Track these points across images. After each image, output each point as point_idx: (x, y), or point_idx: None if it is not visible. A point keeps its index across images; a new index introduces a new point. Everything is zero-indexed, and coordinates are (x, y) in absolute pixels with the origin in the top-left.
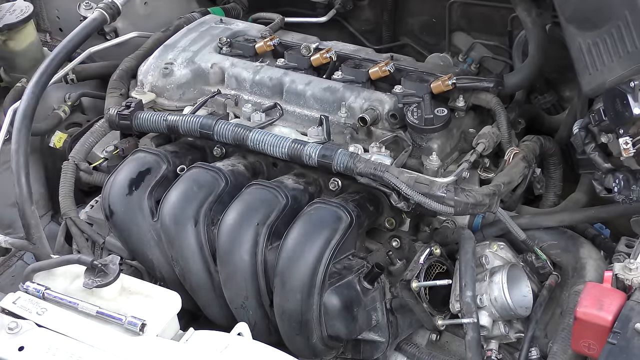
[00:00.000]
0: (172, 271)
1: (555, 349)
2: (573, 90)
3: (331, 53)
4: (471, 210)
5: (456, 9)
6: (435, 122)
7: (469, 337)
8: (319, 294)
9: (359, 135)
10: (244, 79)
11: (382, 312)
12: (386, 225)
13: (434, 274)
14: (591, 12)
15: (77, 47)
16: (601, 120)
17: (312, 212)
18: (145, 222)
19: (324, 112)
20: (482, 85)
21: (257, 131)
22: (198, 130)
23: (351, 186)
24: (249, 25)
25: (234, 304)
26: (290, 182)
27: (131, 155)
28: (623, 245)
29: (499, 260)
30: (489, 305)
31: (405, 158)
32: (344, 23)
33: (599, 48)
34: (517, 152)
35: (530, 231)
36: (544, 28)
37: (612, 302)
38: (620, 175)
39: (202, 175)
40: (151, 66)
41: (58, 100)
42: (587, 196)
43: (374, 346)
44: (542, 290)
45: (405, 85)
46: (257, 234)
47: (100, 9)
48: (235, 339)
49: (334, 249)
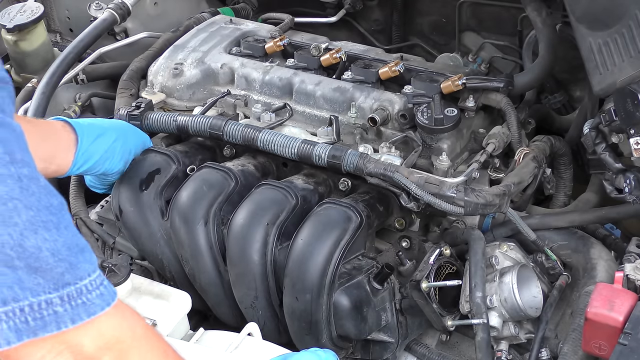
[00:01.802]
0: (182, 271)
1: (566, 350)
2: (583, 90)
3: (341, 53)
4: (481, 211)
5: (466, 9)
6: (445, 122)
7: (479, 338)
8: (328, 294)
9: (368, 135)
10: (254, 79)
11: (391, 312)
12: (396, 225)
13: (443, 275)
14: (602, 12)
15: (87, 47)
16: (612, 121)
17: (322, 212)
18: (155, 222)
19: (333, 112)
20: (492, 85)
21: (267, 132)
22: (208, 130)
23: (361, 186)
24: (258, 26)
25: (244, 304)
26: (300, 182)
27: (141, 155)
28: (634, 245)
29: (509, 261)
30: (499, 306)
31: (415, 158)
32: (354, 23)
33: (609, 48)
34: (528, 152)
35: (540, 231)
36: (554, 28)
37: (623, 302)
38: (631, 175)
39: (212, 175)
40: (161, 66)
41: (68, 101)
42: (597, 196)
43: (383, 346)
44: (553, 290)
45: (415, 85)
46: (267, 234)
47: (110, 9)
48: (245, 339)
49: (343, 249)
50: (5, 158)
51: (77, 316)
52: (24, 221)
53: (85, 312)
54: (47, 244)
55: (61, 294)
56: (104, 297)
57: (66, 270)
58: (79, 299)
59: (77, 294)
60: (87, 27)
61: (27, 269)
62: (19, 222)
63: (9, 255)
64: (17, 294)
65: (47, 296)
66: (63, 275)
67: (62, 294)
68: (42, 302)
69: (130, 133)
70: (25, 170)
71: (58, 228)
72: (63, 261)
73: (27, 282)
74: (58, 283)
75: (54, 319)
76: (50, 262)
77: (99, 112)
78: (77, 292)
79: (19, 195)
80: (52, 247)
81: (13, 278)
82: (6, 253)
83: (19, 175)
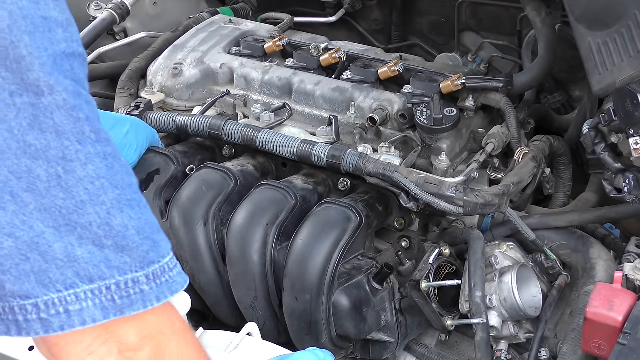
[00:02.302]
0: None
1: (565, 350)
2: (583, 90)
3: (340, 53)
4: (481, 211)
5: (465, 9)
6: (445, 122)
7: (479, 338)
8: (328, 294)
9: (368, 135)
10: (253, 79)
11: (391, 312)
12: (395, 225)
13: (443, 274)
14: (601, 12)
15: (86, 47)
16: (611, 120)
17: (322, 212)
18: None
19: (333, 112)
20: (491, 85)
21: (266, 132)
22: (207, 130)
23: (360, 186)
24: (258, 26)
25: (244, 304)
26: (299, 182)
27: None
28: (633, 245)
29: (508, 261)
30: (499, 306)
31: (414, 158)
32: (353, 23)
33: (609, 48)
34: (527, 152)
35: (539, 231)
36: (553, 28)
37: (622, 302)
38: (631, 175)
39: (212, 175)
40: (160, 66)
41: None
42: (597, 196)
43: (383, 346)
44: (552, 290)
45: (415, 85)
46: (267, 234)
47: (109, 9)
48: (244, 339)
49: (343, 249)
50: (92, 137)
51: (161, 294)
52: (111, 199)
53: (169, 289)
54: (133, 222)
55: (147, 273)
56: (182, 276)
57: (150, 248)
58: (163, 277)
59: (161, 272)
60: (86, 27)
61: (114, 248)
62: (106, 200)
63: (97, 234)
64: (103, 272)
65: (134, 275)
66: (148, 254)
67: (148, 272)
68: (129, 281)
69: (141, 125)
70: (109, 148)
71: (141, 206)
72: (148, 239)
73: (114, 260)
74: (144, 261)
75: (141, 298)
76: (137, 241)
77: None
78: (161, 271)
79: (105, 173)
80: (138, 225)
81: (100, 257)
82: (94, 232)
83: (104, 154)
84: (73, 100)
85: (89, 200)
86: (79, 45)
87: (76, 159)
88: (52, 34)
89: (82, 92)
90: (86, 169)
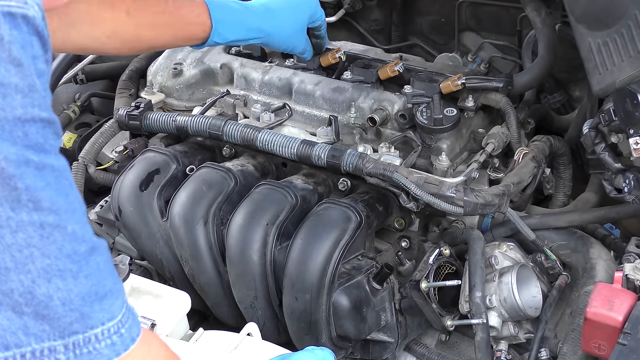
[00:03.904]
0: (182, 271)
1: (565, 350)
2: (583, 90)
3: (340, 53)
4: (480, 211)
5: (465, 9)
6: (445, 122)
7: (479, 338)
8: (328, 294)
9: (368, 135)
10: (253, 79)
11: (391, 312)
12: (395, 225)
13: (443, 275)
14: (601, 12)
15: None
16: (611, 120)
17: (322, 212)
18: (155, 222)
19: (333, 112)
20: (491, 85)
21: (266, 132)
22: (207, 130)
23: (360, 186)
24: None
25: (244, 304)
26: (299, 182)
27: (140, 155)
28: (633, 245)
29: (508, 261)
30: (499, 306)
31: (414, 158)
32: (353, 23)
33: (609, 48)
34: (527, 152)
35: (539, 231)
36: (553, 28)
37: (622, 302)
38: (631, 175)
39: (212, 175)
40: (160, 66)
41: (67, 101)
42: (597, 196)
43: (383, 346)
44: (552, 290)
45: (415, 85)
46: (267, 234)
47: None
48: (244, 339)
49: (343, 249)
50: (29, 205)
51: None
52: (38, 269)
53: None
54: (59, 293)
55: (66, 342)
56: (115, 347)
57: (75, 319)
58: (85, 348)
59: (84, 342)
60: None
61: (34, 315)
62: (32, 269)
63: (17, 302)
64: (20, 339)
65: (50, 343)
66: (71, 325)
67: (67, 342)
68: (44, 349)
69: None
70: (50, 218)
71: (76, 277)
72: (74, 311)
73: (33, 328)
74: (64, 331)
75: None
76: (59, 311)
77: (98, 112)
78: (84, 341)
79: (37, 243)
80: (64, 296)
81: (18, 324)
82: (15, 299)
83: (41, 223)
84: (13, 169)
85: (14, 268)
86: (42, 110)
87: (6, 226)
88: (7, 100)
89: (31, 159)
90: (15, 236)
